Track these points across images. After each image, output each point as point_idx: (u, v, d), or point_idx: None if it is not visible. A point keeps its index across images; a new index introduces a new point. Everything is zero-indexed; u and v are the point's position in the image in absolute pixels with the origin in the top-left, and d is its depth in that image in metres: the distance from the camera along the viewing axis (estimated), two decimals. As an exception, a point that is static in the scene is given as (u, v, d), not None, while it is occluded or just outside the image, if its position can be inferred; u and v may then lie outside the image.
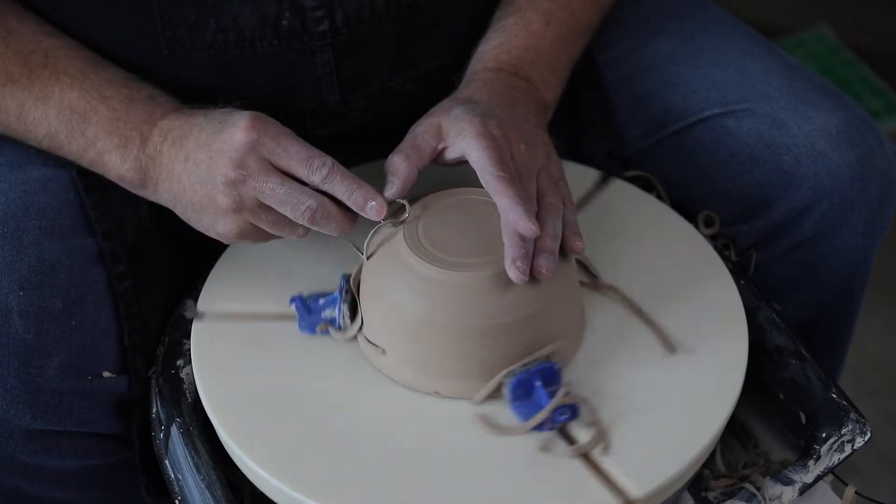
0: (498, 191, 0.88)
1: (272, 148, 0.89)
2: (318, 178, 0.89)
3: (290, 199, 0.89)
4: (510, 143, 0.92)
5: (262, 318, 0.98)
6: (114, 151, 0.94)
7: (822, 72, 2.13)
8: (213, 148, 0.90)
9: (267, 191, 0.89)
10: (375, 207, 0.89)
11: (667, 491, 0.88)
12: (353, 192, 0.89)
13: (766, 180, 1.05)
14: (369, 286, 0.93)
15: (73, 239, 0.96)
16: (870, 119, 1.08)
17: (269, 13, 0.97)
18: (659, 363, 0.93)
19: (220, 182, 0.89)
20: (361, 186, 0.89)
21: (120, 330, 0.97)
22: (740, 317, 0.97)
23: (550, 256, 0.88)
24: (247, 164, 0.89)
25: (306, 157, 0.89)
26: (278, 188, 0.89)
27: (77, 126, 0.94)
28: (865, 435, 0.96)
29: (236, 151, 0.89)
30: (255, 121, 0.89)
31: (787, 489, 0.95)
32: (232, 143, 0.89)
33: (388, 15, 1.00)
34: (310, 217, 0.89)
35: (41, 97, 0.95)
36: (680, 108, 1.10)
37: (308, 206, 0.89)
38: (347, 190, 0.89)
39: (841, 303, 1.13)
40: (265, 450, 0.89)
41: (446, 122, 0.93)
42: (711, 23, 1.15)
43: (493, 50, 1.03)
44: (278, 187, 0.89)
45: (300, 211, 0.89)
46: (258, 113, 0.91)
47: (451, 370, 0.90)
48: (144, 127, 0.94)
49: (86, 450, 0.98)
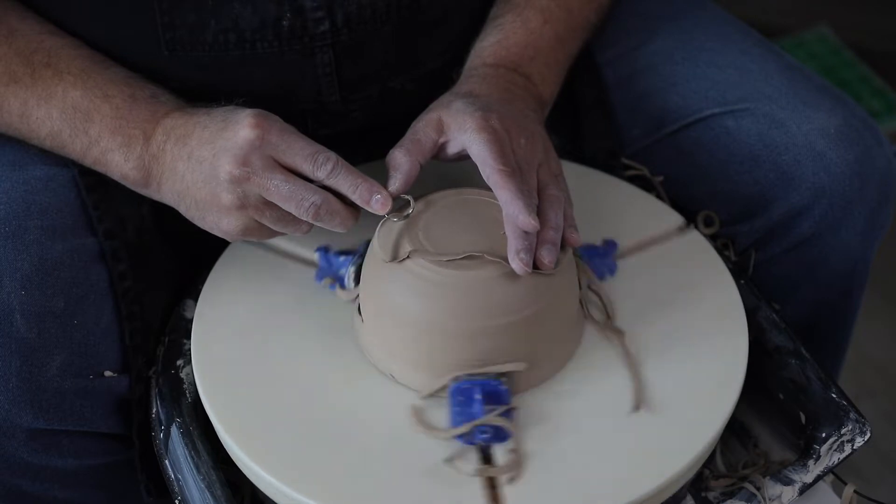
0: (499, 184, 0.88)
1: (276, 144, 0.89)
2: (322, 174, 0.89)
3: (294, 196, 0.89)
4: (511, 137, 0.92)
5: (262, 318, 0.98)
6: (117, 150, 0.94)
7: (822, 72, 2.13)
8: (216, 145, 0.90)
9: (271, 188, 0.89)
10: (380, 201, 0.89)
11: (667, 490, 0.88)
12: (358, 186, 0.89)
13: (765, 180, 1.05)
14: (369, 286, 0.93)
15: (74, 238, 0.96)
16: (869, 119, 1.08)
17: (270, 14, 0.97)
18: (659, 363, 0.93)
19: (224, 179, 0.89)
20: (366, 181, 0.89)
21: (121, 329, 0.97)
22: (740, 317, 0.97)
23: (553, 248, 0.89)
24: (251, 161, 0.89)
25: (311, 153, 0.89)
26: (282, 185, 0.89)
27: (80, 125, 0.95)
28: (865, 435, 0.96)
29: (240, 149, 0.89)
30: (258, 118, 0.90)
31: (787, 489, 0.95)
32: (236, 141, 0.89)
33: (388, 15, 1.00)
34: (314, 213, 0.89)
35: (44, 96, 0.95)
36: (679, 107, 1.10)
37: (312, 203, 0.89)
38: (352, 185, 0.89)
39: (840, 302, 1.13)
40: (265, 450, 0.89)
41: (447, 116, 0.93)
42: (711, 22, 1.15)
43: (491, 46, 1.03)
44: (282, 184, 0.89)
45: (304, 207, 0.89)
46: (262, 110, 0.91)
47: (452, 370, 0.90)
48: (147, 125, 0.94)
49: (87, 449, 0.98)
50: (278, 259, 1.02)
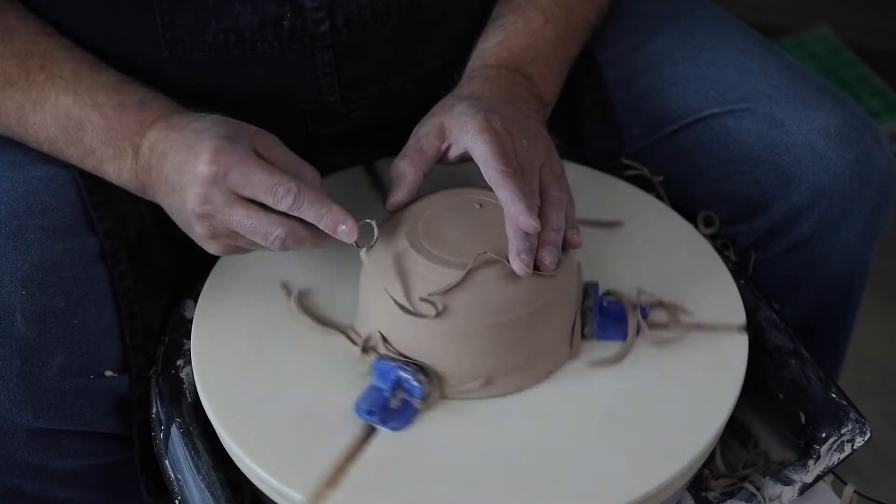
0: (500, 185, 0.88)
1: (235, 179, 0.88)
2: (284, 206, 0.88)
3: (257, 231, 0.88)
4: (513, 138, 0.92)
5: (262, 318, 0.98)
6: (111, 162, 0.95)
7: (822, 72, 2.13)
8: (182, 178, 0.90)
9: (234, 223, 0.89)
10: (346, 231, 0.88)
11: (667, 491, 0.88)
12: (323, 216, 0.88)
13: (764, 180, 1.05)
14: (369, 286, 0.93)
15: (74, 238, 0.96)
16: (869, 119, 1.08)
17: (270, 14, 0.97)
18: (659, 363, 0.94)
19: (192, 214, 0.90)
20: (331, 210, 0.88)
21: (121, 329, 0.97)
22: (740, 316, 0.97)
23: (554, 249, 0.89)
24: (211, 199, 0.88)
25: (269, 186, 0.87)
26: (244, 220, 0.88)
27: (74, 133, 0.95)
28: (865, 435, 0.96)
29: (200, 186, 0.88)
30: (215, 153, 0.88)
31: (787, 489, 0.95)
32: (195, 176, 0.88)
33: (388, 15, 1.00)
34: (280, 244, 0.89)
35: (38, 101, 0.95)
36: (679, 107, 1.10)
37: (276, 236, 0.88)
38: (317, 215, 0.88)
39: (840, 302, 1.13)
40: (265, 450, 0.89)
41: (448, 120, 0.93)
42: (710, 22, 1.15)
43: (493, 47, 1.03)
44: (244, 220, 0.88)
45: (269, 240, 0.89)
46: (223, 139, 0.89)
47: (453, 370, 0.90)
48: (135, 138, 0.94)
49: (87, 449, 0.98)
50: (279, 258, 1.01)
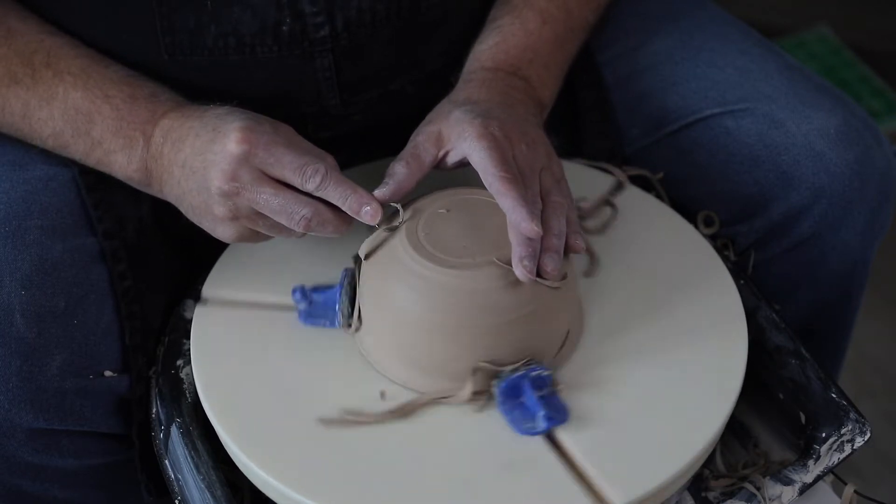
0: (501, 192, 0.88)
1: (264, 158, 0.89)
2: (311, 186, 0.89)
3: (284, 209, 0.89)
4: (512, 143, 0.92)
5: (262, 318, 0.98)
6: (120, 152, 0.95)
7: (822, 72, 2.13)
8: (206, 158, 0.90)
9: (261, 201, 0.89)
10: (370, 212, 0.89)
11: (667, 491, 0.88)
12: (348, 197, 0.89)
13: (764, 180, 1.05)
14: (369, 286, 0.93)
15: (74, 238, 0.96)
16: (869, 119, 1.08)
17: (270, 19, 0.97)
18: (658, 363, 0.94)
19: (215, 193, 0.90)
20: (356, 191, 0.89)
21: (121, 329, 0.97)
22: (740, 316, 0.97)
23: (556, 255, 0.89)
24: (239, 177, 0.89)
25: (299, 166, 0.89)
26: (272, 199, 0.89)
27: (82, 126, 0.95)
28: (865, 435, 0.96)
29: (228, 164, 0.89)
30: (245, 132, 0.89)
31: (787, 489, 0.95)
32: (224, 155, 0.89)
33: (388, 19, 1.00)
34: (305, 224, 0.89)
35: (46, 97, 0.95)
36: (678, 107, 1.10)
37: (303, 216, 0.89)
38: (342, 196, 0.89)
39: (840, 302, 1.13)
40: (265, 450, 0.89)
41: (446, 127, 0.93)
42: (710, 22, 1.15)
43: (490, 50, 1.03)
44: (272, 198, 0.89)
45: (295, 220, 0.89)
46: (250, 120, 0.90)
47: (453, 371, 0.90)
48: (147, 127, 0.94)
49: (87, 449, 0.99)
50: (279, 258, 1.01)
